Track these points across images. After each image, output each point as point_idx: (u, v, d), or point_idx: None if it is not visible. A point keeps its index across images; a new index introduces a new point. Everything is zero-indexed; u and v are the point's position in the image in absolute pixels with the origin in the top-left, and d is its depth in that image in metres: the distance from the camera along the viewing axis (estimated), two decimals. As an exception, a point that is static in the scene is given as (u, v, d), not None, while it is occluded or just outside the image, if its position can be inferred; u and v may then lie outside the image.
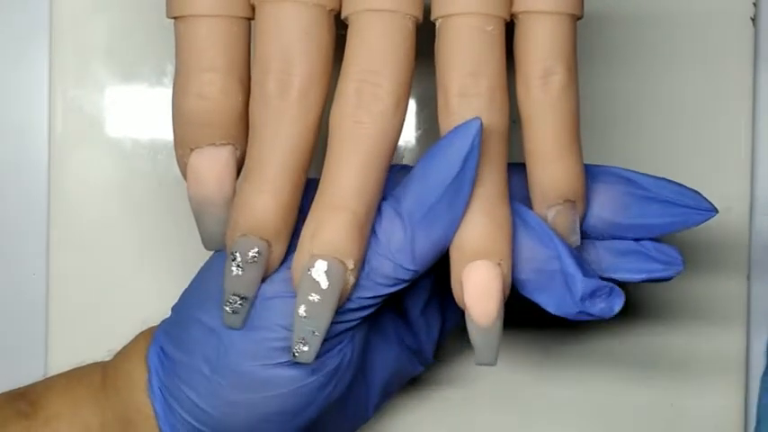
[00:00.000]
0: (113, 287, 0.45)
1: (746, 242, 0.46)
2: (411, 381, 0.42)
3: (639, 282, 0.36)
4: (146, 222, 0.45)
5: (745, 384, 0.46)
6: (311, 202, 0.32)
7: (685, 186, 0.36)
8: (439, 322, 0.40)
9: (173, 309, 0.37)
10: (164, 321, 0.37)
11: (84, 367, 0.38)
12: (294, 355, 0.32)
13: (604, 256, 0.36)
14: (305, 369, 0.33)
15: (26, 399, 0.37)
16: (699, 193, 0.36)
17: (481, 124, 0.31)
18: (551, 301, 0.33)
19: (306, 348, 0.32)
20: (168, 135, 0.45)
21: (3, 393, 0.38)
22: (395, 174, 0.35)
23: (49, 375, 0.39)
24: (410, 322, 0.39)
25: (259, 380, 0.33)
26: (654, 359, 0.46)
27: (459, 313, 0.40)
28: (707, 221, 0.36)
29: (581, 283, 0.33)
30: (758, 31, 0.46)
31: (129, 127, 0.45)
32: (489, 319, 0.32)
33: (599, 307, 0.33)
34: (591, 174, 0.36)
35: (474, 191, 0.32)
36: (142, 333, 0.37)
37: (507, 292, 0.33)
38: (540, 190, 0.34)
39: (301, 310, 0.31)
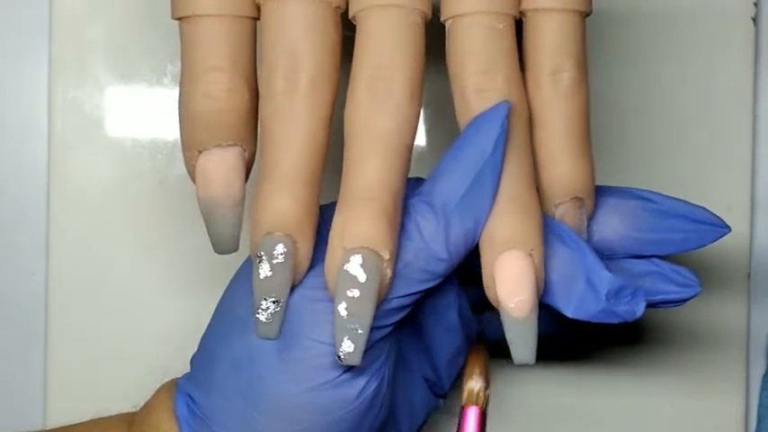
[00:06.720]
0: (113, 287, 0.45)
1: (747, 242, 0.46)
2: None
3: (655, 304, 0.34)
4: (145, 222, 0.45)
5: (745, 384, 0.46)
6: (329, 228, 0.31)
7: (696, 205, 0.35)
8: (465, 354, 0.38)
9: (191, 360, 0.35)
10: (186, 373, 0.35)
11: (104, 421, 0.36)
12: (339, 357, 0.30)
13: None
14: (352, 389, 0.32)
15: None
16: (709, 211, 0.35)
17: (510, 106, 0.30)
18: (571, 303, 0.32)
19: (350, 349, 0.30)
20: (168, 135, 0.45)
21: None
22: (411, 186, 0.34)
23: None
24: (432, 355, 0.37)
25: (302, 405, 0.31)
26: (654, 359, 0.46)
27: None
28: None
29: (607, 280, 0.31)
30: (759, 31, 0.46)
31: (129, 127, 0.45)
32: (524, 311, 0.31)
33: (623, 308, 0.32)
34: (605, 191, 0.35)
35: (502, 180, 0.31)
36: (164, 385, 0.35)
37: (542, 283, 0.31)
38: (547, 187, 0.33)
39: (341, 309, 0.30)
